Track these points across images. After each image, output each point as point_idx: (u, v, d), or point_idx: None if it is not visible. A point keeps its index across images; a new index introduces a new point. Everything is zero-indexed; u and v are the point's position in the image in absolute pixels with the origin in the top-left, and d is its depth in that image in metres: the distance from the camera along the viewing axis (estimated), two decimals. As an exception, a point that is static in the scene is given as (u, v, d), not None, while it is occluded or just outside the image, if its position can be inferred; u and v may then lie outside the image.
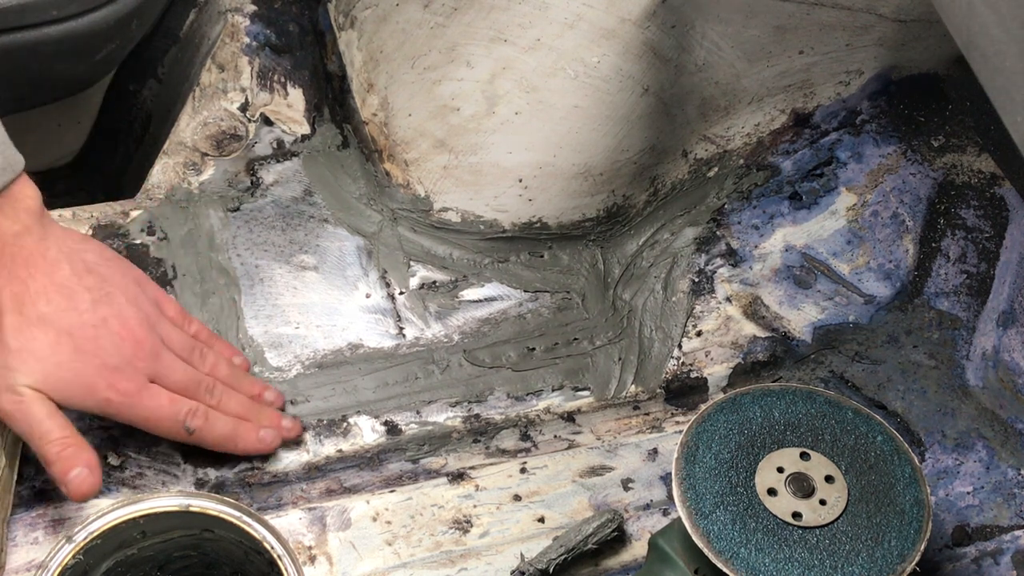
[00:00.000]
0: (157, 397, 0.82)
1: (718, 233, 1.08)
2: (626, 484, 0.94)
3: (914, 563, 0.76)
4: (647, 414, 1.00)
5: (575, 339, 1.03)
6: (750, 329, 1.05)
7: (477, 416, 0.97)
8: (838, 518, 0.78)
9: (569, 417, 0.99)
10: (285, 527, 0.85)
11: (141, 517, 0.70)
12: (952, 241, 1.05)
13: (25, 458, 0.84)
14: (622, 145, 1.02)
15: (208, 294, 0.97)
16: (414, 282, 1.02)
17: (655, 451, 0.96)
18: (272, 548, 0.69)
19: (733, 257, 1.08)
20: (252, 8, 1.08)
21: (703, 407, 0.90)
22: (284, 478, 0.90)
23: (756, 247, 1.08)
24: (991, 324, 1.00)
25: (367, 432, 0.93)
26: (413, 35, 1.01)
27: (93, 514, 0.69)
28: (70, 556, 0.68)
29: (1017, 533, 0.91)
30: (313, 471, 0.91)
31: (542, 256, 1.06)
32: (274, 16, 1.09)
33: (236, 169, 1.03)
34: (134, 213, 0.99)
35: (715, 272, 1.07)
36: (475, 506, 0.90)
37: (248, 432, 0.87)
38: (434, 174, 1.03)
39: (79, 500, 0.78)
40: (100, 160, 1.23)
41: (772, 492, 0.80)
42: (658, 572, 0.82)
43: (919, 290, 1.04)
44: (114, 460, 0.86)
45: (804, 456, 0.82)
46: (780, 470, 0.81)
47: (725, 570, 0.75)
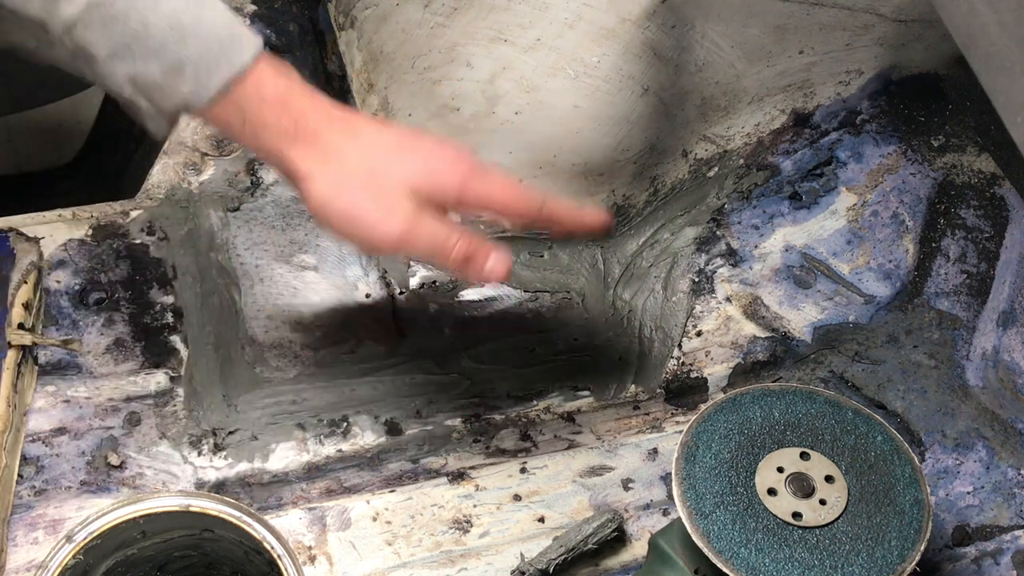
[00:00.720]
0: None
1: (718, 233, 1.08)
2: (626, 484, 0.94)
3: (914, 563, 0.76)
4: (647, 414, 1.01)
5: (575, 339, 1.03)
6: (750, 329, 1.05)
7: (477, 416, 0.97)
8: (838, 518, 0.78)
9: (569, 417, 0.99)
10: (285, 527, 0.85)
11: (141, 517, 0.70)
12: (952, 241, 1.05)
13: (25, 458, 0.84)
14: (622, 145, 1.02)
15: (208, 294, 0.97)
16: (414, 282, 1.02)
17: (655, 451, 0.96)
18: (272, 548, 0.69)
19: (733, 257, 1.08)
20: (252, 8, 1.08)
21: (703, 407, 0.90)
22: (284, 478, 0.90)
23: (756, 247, 1.08)
24: (991, 324, 1.00)
25: (367, 432, 0.93)
26: (413, 35, 1.01)
27: (93, 514, 0.69)
28: (70, 556, 0.68)
29: (1017, 533, 0.91)
30: (313, 471, 0.91)
31: (542, 256, 1.06)
32: (274, 16, 1.09)
33: (236, 169, 1.03)
34: (134, 213, 0.99)
35: (715, 272, 1.07)
36: (475, 506, 0.90)
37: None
38: (434, 174, 1.03)
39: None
40: (100, 160, 1.23)
41: (772, 492, 0.80)
42: (658, 572, 0.82)
43: (919, 290, 1.04)
44: (114, 460, 0.86)
45: (804, 456, 0.82)
46: (780, 470, 0.81)
47: (725, 570, 0.75)
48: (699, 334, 1.05)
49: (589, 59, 0.97)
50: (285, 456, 0.91)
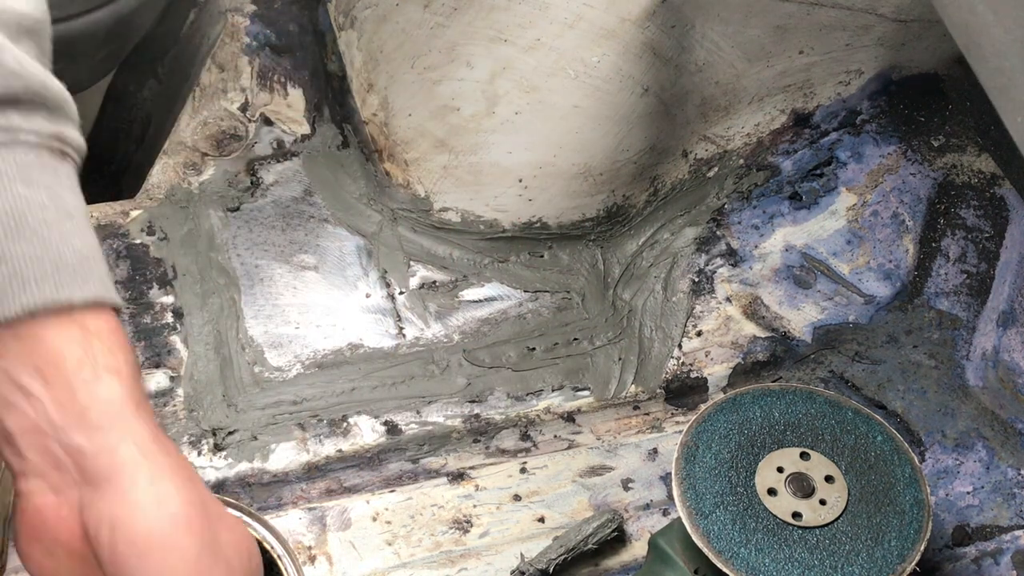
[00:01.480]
0: None
1: (718, 233, 1.08)
2: (626, 484, 0.94)
3: (914, 563, 0.76)
4: (647, 414, 1.01)
5: (575, 339, 1.03)
6: (750, 329, 1.05)
7: (477, 416, 0.97)
8: (838, 518, 0.78)
9: (569, 417, 0.99)
10: (285, 527, 0.85)
11: None
12: (952, 241, 1.05)
13: (25, 458, 0.84)
14: (622, 145, 1.02)
15: (208, 294, 0.97)
16: (414, 282, 1.02)
17: (655, 451, 0.96)
18: (272, 548, 0.69)
19: (733, 257, 1.08)
20: (252, 8, 1.08)
21: (703, 407, 0.90)
22: (284, 478, 0.90)
23: (756, 247, 1.08)
24: (991, 324, 1.00)
25: (367, 432, 0.93)
26: (413, 35, 1.01)
27: None
28: None
29: (1017, 533, 0.91)
30: (313, 471, 0.91)
31: (542, 256, 1.06)
32: (274, 16, 1.09)
33: (236, 169, 1.03)
34: (134, 213, 0.99)
35: (715, 272, 1.07)
36: (475, 506, 0.90)
37: None
38: (434, 174, 1.03)
39: None
40: (100, 160, 1.23)
41: (772, 492, 0.80)
42: (658, 572, 0.82)
43: (919, 290, 1.04)
44: (114, 460, 0.86)
45: (804, 456, 0.82)
46: (780, 470, 0.81)
47: (725, 570, 0.75)
48: (699, 334, 1.05)
49: (589, 59, 0.97)
50: (285, 456, 0.91)
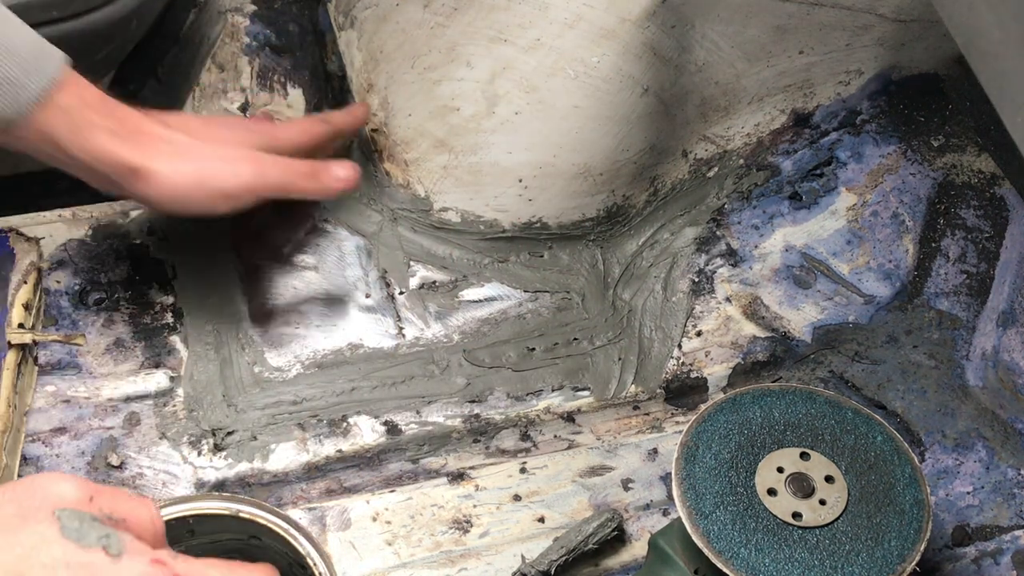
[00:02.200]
0: None
1: (718, 233, 1.08)
2: (626, 484, 0.94)
3: (914, 563, 0.76)
4: (647, 414, 1.01)
5: (575, 339, 1.03)
6: (750, 329, 1.05)
7: (477, 416, 0.97)
8: (838, 518, 0.78)
9: (569, 417, 0.99)
10: (285, 527, 0.85)
11: (191, 517, 0.70)
12: (952, 241, 1.05)
13: (25, 458, 0.84)
14: (622, 145, 1.02)
15: (208, 294, 0.97)
16: (414, 282, 1.02)
17: (655, 451, 0.96)
18: (315, 565, 0.69)
19: (733, 257, 1.08)
20: (252, 8, 1.08)
21: (703, 407, 0.90)
22: (284, 478, 0.90)
23: (756, 247, 1.08)
24: (991, 324, 1.00)
25: (367, 432, 0.94)
26: (413, 35, 1.01)
27: None
28: None
29: (1017, 533, 0.91)
30: (313, 471, 0.91)
31: (542, 256, 1.06)
32: (274, 16, 1.09)
33: (236, 169, 1.03)
34: (134, 213, 0.99)
35: (715, 272, 1.07)
36: (475, 506, 0.90)
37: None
38: (434, 174, 1.03)
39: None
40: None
41: (772, 492, 0.80)
42: (658, 572, 0.82)
43: (919, 290, 1.04)
44: (114, 460, 0.86)
45: (804, 456, 0.82)
46: (780, 470, 0.81)
47: (725, 570, 0.75)
48: (699, 334, 1.05)
49: (589, 59, 0.97)
50: (285, 456, 0.91)
